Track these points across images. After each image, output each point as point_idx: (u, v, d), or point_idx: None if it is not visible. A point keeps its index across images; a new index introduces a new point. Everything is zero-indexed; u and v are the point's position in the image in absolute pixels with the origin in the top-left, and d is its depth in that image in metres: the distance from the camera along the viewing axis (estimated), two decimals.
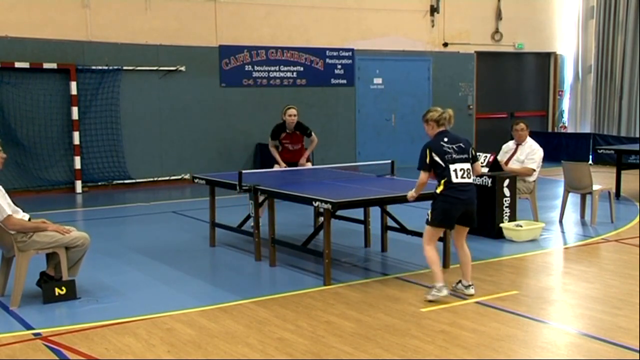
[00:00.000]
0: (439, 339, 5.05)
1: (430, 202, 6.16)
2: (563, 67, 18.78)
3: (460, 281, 6.23)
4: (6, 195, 5.97)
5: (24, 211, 6.17)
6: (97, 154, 13.13)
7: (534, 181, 9.19)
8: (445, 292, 5.94)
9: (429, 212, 6.08)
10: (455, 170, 5.94)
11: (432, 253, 6.03)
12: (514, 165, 9.12)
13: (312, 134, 9.62)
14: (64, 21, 12.78)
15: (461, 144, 6.06)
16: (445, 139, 6.05)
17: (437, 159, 5.99)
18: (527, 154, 9.10)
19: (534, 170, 9.09)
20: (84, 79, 12.87)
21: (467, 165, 6.01)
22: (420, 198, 7.31)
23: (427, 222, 6.07)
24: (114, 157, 13.28)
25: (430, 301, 5.89)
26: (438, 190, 5.99)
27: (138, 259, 7.77)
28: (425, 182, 6.13)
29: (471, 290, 6.13)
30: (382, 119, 16.33)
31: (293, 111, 9.41)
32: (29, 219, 6.10)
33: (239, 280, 6.99)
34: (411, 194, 6.37)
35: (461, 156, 6.00)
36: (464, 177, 5.97)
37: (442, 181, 5.97)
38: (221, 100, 14.35)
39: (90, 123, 13.03)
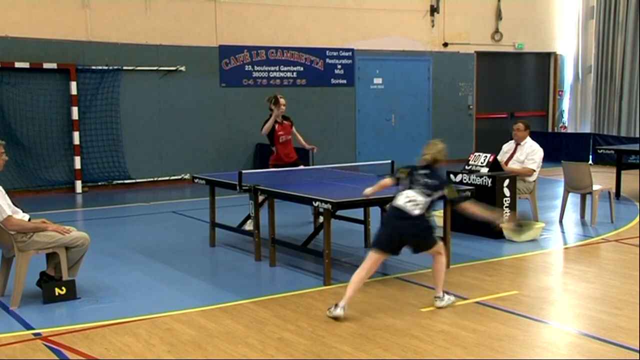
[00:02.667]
0: (439, 339, 5.05)
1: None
2: (563, 67, 18.78)
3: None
4: (6, 195, 5.97)
5: (23, 211, 6.17)
6: (97, 154, 13.13)
7: (534, 181, 9.19)
8: (339, 311, 5.47)
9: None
10: (406, 196, 5.67)
11: (358, 276, 5.64)
12: (514, 165, 9.13)
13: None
14: (64, 21, 12.78)
15: (435, 182, 5.77)
16: (425, 172, 5.82)
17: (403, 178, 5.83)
18: (527, 154, 9.10)
19: (534, 170, 9.09)
20: (84, 79, 12.87)
21: (420, 198, 5.65)
22: None
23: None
24: (114, 157, 13.28)
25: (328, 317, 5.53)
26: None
27: (138, 259, 7.77)
28: (386, 185, 6.04)
29: (438, 303, 5.80)
30: (382, 119, 16.32)
31: (284, 99, 9.63)
32: (29, 219, 6.10)
33: (239, 280, 6.99)
34: (368, 190, 6.24)
35: (424, 190, 5.69)
36: (407, 204, 5.63)
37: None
38: (221, 100, 14.35)
39: (90, 123, 13.03)
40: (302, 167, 9.54)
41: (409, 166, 5.95)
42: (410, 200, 5.66)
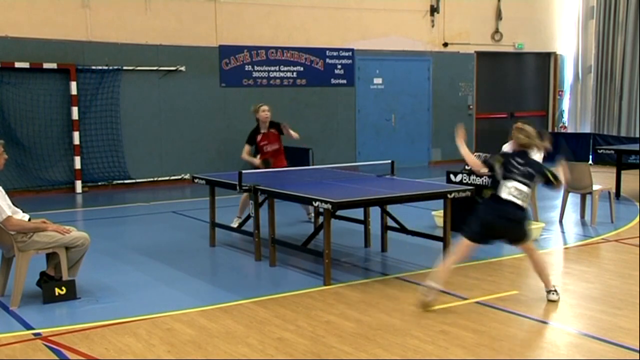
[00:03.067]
0: (439, 339, 5.05)
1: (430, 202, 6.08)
2: (563, 67, 18.78)
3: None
4: (6, 196, 5.97)
5: (23, 211, 6.16)
6: (97, 154, 13.13)
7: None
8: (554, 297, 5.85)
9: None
10: (508, 187, 5.75)
11: (450, 261, 5.86)
12: None
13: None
14: (64, 21, 12.78)
15: (530, 170, 5.80)
16: (520, 160, 5.84)
17: (497, 169, 5.86)
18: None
19: None
20: (84, 79, 12.87)
21: (524, 189, 5.74)
22: (424, 197, 7.33)
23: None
24: (114, 157, 13.28)
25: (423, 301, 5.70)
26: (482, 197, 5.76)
27: (138, 259, 7.77)
28: (478, 166, 6.11)
29: (552, 296, 5.94)
30: (382, 119, 16.32)
31: (266, 107, 9.33)
32: (29, 219, 6.10)
33: (239, 280, 6.99)
34: (461, 139, 6.29)
35: (524, 180, 5.75)
36: (513, 195, 5.72)
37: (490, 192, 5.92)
38: (221, 100, 14.35)
39: (90, 123, 13.03)
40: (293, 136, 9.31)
41: (503, 154, 6.04)
42: (515, 191, 5.74)
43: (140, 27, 13.42)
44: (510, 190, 5.74)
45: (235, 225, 8.75)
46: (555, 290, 5.97)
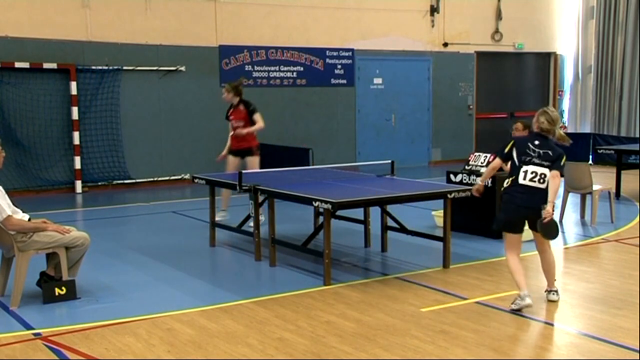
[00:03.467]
0: (439, 339, 5.05)
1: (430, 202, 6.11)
2: (563, 67, 18.78)
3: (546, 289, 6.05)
4: (6, 195, 5.97)
5: (23, 212, 6.16)
6: (97, 154, 13.13)
7: None
8: (528, 300, 5.62)
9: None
10: (524, 172, 5.73)
11: (511, 262, 5.82)
12: None
13: (257, 117, 9.67)
14: (64, 21, 12.78)
15: (549, 152, 5.74)
16: (537, 142, 5.78)
17: (514, 155, 5.83)
18: None
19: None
20: (84, 79, 12.87)
21: (542, 170, 5.70)
22: (424, 197, 7.35)
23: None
24: (114, 157, 13.28)
25: (513, 310, 5.64)
26: (503, 187, 5.89)
27: (138, 259, 7.77)
28: (495, 167, 6.09)
29: (553, 297, 5.94)
30: (382, 119, 16.32)
31: (223, 89, 10.01)
32: (29, 219, 6.10)
33: (239, 280, 6.99)
34: (478, 186, 6.29)
35: (540, 162, 5.72)
36: (533, 181, 5.71)
37: (510, 179, 5.84)
38: (221, 100, 14.30)
39: (90, 123, 13.03)
40: (249, 158, 9.67)
41: (512, 139, 5.98)
42: (534, 175, 5.70)
43: (140, 27, 13.42)
44: (527, 175, 5.71)
45: (220, 218, 9.03)
46: (556, 291, 5.99)
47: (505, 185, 5.88)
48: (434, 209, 9.20)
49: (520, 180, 5.74)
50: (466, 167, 8.89)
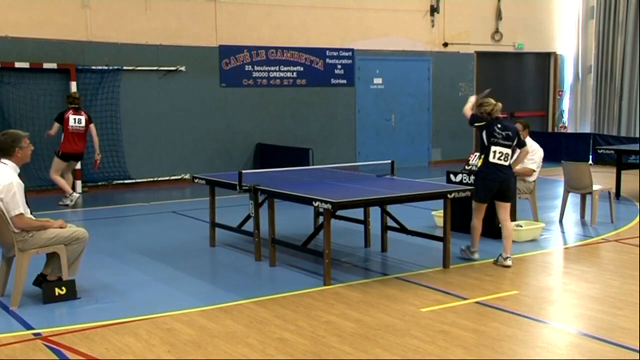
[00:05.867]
0: (439, 339, 5.05)
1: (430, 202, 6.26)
2: (563, 67, 18.78)
3: (500, 254, 7.19)
4: (24, 193, 5.95)
5: (30, 212, 6.15)
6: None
7: (534, 181, 9.20)
8: (477, 255, 7.30)
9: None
10: (494, 152, 7.08)
11: (478, 224, 7.29)
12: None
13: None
14: (64, 21, 12.77)
15: (509, 133, 7.15)
16: (499, 125, 7.17)
17: (484, 136, 7.13)
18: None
19: (534, 170, 9.10)
20: (84, 79, 12.87)
21: (506, 150, 7.11)
22: (424, 197, 7.36)
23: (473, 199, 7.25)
24: (114, 157, 13.27)
25: (461, 256, 7.31)
26: (478, 166, 7.30)
27: (138, 259, 7.77)
28: (467, 109, 7.49)
29: (508, 262, 7.08)
30: (382, 119, 16.32)
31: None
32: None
33: (239, 280, 6.99)
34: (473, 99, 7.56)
35: (505, 142, 7.11)
36: (501, 160, 7.10)
37: (482, 159, 7.19)
38: (221, 100, 14.35)
39: None
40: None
41: (487, 120, 7.22)
42: (500, 155, 7.11)
43: (140, 27, 13.42)
44: (496, 155, 7.10)
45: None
46: (510, 257, 7.11)
47: (479, 164, 7.26)
48: (434, 209, 9.20)
49: (491, 159, 7.11)
50: (466, 167, 8.89)
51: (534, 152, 9.11)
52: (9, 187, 5.79)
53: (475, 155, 8.95)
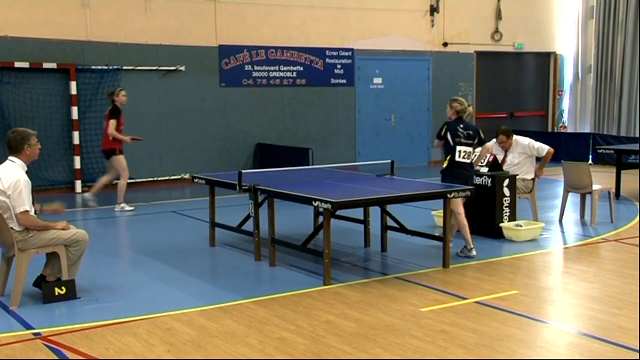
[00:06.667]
0: (439, 339, 5.05)
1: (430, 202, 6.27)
2: (563, 67, 18.78)
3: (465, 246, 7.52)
4: (31, 192, 5.96)
5: (35, 213, 6.15)
6: (97, 154, 13.09)
7: (533, 179, 9.20)
8: (474, 252, 7.48)
9: None
10: (459, 152, 7.54)
11: (464, 219, 7.54)
12: (508, 168, 9.07)
13: None
14: (64, 21, 12.77)
15: (471, 132, 7.61)
16: (462, 125, 7.61)
17: (449, 137, 7.57)
18: (531, 149, 9.11)
19: (549, 148, 9.22)
20: (84, 79, 12.87)
21: (469, 149, 7.59)
22: (424, 197, 7.37)
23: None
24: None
25: (460, 256, 7.46)
26: (444, 166, 7.67)
27: (138, 259, 7.77)
28: (436, 146, 7.99)
29: (474, 252, 7.45)
30: (382, 119, 16.32)
31: (125, 92, 10.97)
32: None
33: (239, 280, 6.99)
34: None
35: (468, 142, 7.56)
36: (465, 159, 7.58)
37: (448, 159, 7.63)
38: (221, 100, 14.34)
39: (90, 123, 13.02)
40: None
41: (447, 123, 7.74)
42: (464, 154, 7.59)
43: (140, 27, 13.42)
44: (461, 154, 7.58)
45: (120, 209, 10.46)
46: (474, 248, 7.48)
47: (446, 163, 7.65)
48: (434, 209, 9.20)
49: (457, 159, 7.58)
50: None
51: (530, 144, 9.17)
52: (17, 184, 5.81)
53: (476, 155, 8.96)
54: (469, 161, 7.63)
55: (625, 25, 17.13)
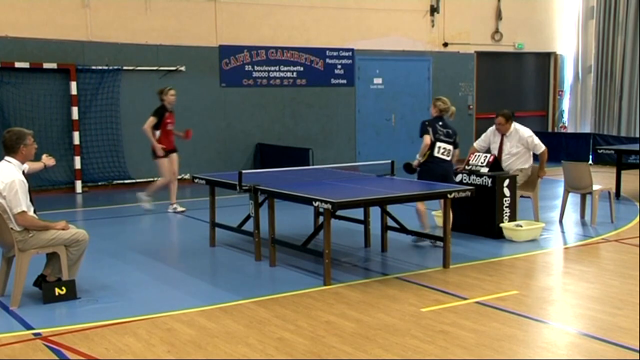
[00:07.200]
0: (439, 339, 5.05)
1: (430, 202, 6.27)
2: (563, 67, 18.78)
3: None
4: (27, 192, 5.96)
5: (34, 212, 6.15)
6: (97, 154, 13.13)
7: (530, 167, 9.16)
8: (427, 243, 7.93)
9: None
10: (439, 147, 7.89)
11: (424, 208, 8.10)
12: (508, 158, 9.07)
13: None
14: (64, 21, 12.78)
15: (449, 131, 8.00)
16: (440, 123, 8.01)
17: (430, 133, 7.87)
18: (529, 144, 9.07)
19: (545, 147, 9.16)
20: (84, 79, 12.87)
21: (449, 147, 7.96)
22: (424, 197, 7.38)
23: None
24: (114, 157, 13.27)
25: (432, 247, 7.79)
26: (421, 161, 7.96)
27: (138, 259, 7.77)
28: (428, 143, 7.89)
29: (439, 243, 7.45)
30: (382, 119, 16.32)
31: (174, 91, 10.69)
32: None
33: (239, 280, 6.99)
34: (417, 161, 8.04)
35: (447, 139, 7.95)
36: (444, 155, 7.92)
37: (427, 153, 7.92)
38: (221, 100, 14.35)
39: (90, 123, 13.03)
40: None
41: (428, 121, 8.04)
42: (443, 150, 7.93)
43: (140, 27, 13.42)
44: (440, 150, 7.90)
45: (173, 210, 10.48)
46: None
47: (424, 158, 7.93)
48: (434, 209, 9.20)
49: (435, 153, 7.89)
50: (466, 167, 8.89)
51: (530, 137, 9.09)
52: (12, 185, 5.80)
53: (475, 155, 8.97)
54: (448, 158, 7.93)
55: (625, 25, 17.13)
